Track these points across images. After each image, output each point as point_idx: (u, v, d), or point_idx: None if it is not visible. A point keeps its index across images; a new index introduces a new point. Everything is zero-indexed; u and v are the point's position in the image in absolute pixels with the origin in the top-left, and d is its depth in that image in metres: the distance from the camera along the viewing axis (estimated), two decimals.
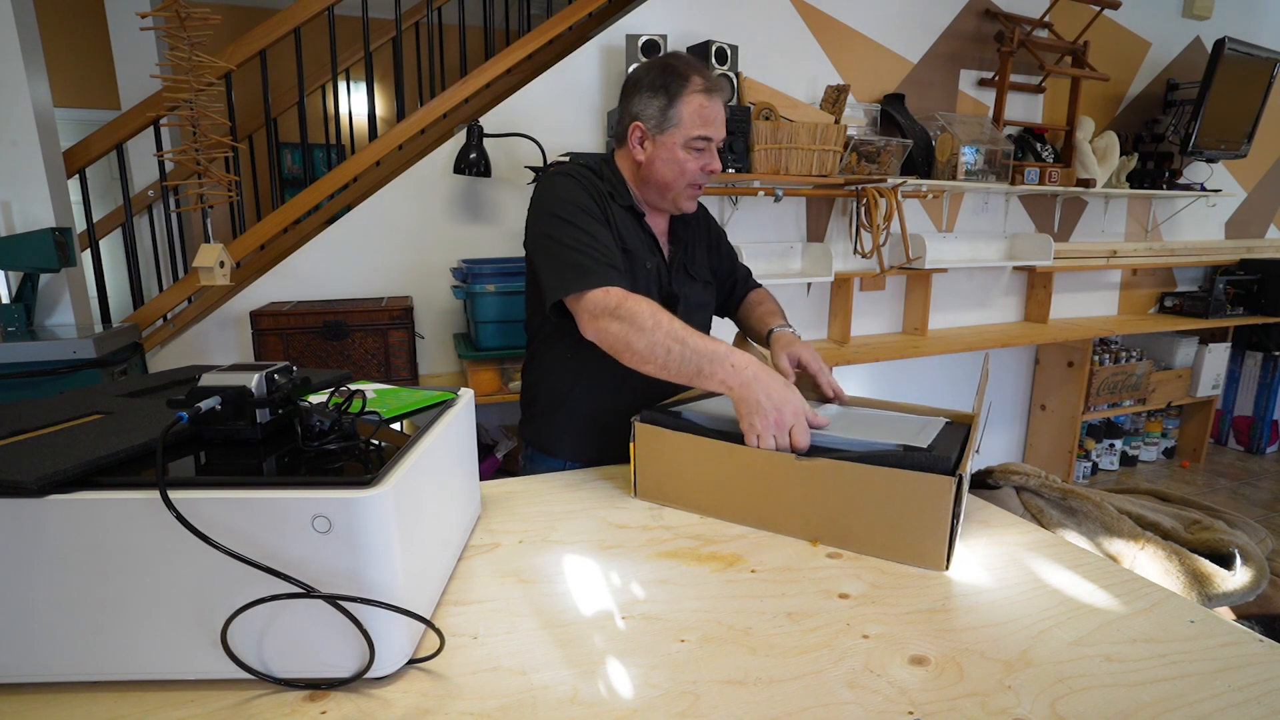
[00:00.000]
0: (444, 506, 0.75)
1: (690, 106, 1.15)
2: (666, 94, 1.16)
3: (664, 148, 1.18)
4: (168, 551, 0.53)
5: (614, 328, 1.01)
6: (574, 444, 1.27)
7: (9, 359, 1.62)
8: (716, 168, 1.21)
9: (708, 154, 1.19)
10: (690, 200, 1.24)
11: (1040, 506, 1.24)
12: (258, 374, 0.66)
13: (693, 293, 1.31)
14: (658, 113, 1.17)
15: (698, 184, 1.22)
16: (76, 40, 4.00)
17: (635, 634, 0.66)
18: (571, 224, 1.11)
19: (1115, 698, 0.57)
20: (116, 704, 0.55)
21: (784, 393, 0.92)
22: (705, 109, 1.16)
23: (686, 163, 1.18)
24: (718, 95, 1.17)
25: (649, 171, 1.21)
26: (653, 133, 1.18)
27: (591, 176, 1.21)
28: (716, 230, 1.45)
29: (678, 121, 1.16)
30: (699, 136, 1.16)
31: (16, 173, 1.80)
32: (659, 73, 1.17)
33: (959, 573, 0.78)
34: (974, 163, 2.80)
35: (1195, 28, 3.54)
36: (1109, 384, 3.37)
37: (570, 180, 1.17)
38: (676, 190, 1.21)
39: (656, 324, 0.98)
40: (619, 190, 1.23)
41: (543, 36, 2.41)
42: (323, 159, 4.42)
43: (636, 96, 1.19)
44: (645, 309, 1.00)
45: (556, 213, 1.13)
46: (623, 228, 1.20)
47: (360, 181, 2.83)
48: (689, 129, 1.16)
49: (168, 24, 1.84)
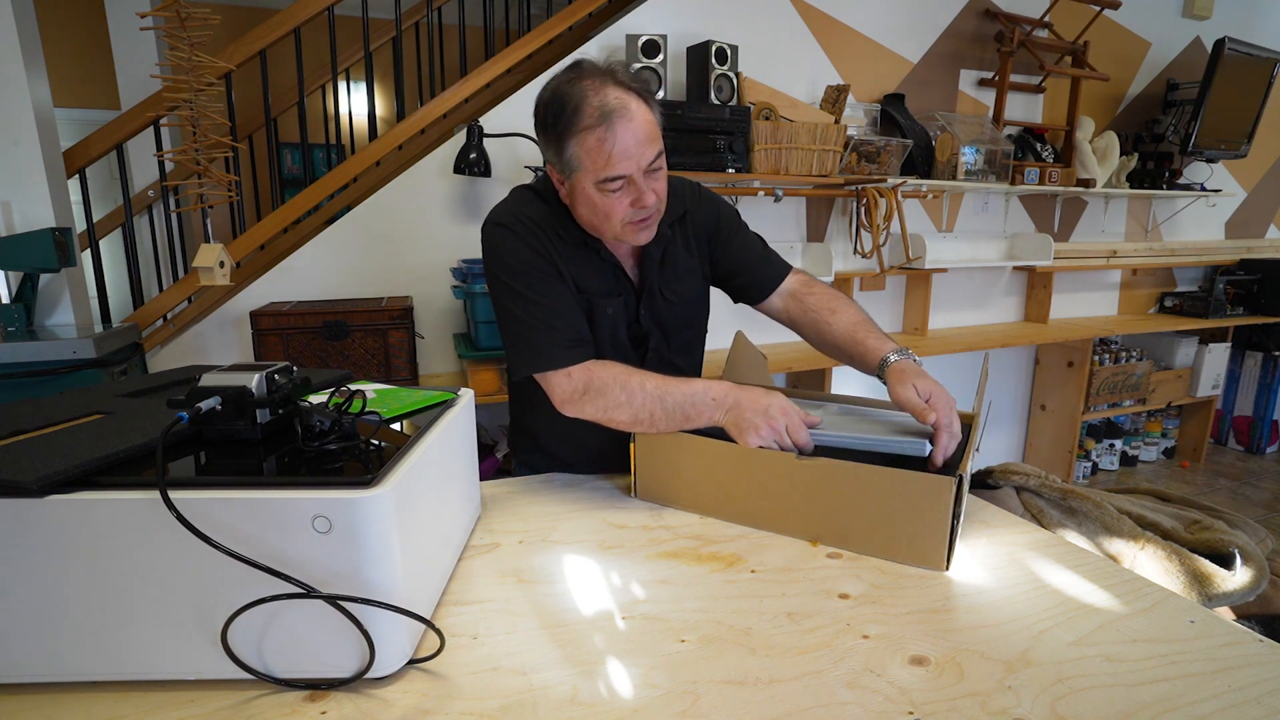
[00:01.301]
0: (444, 506, 0.75)
1: (584, 146, 0.95)
2: (556, 133, 0.97)
3: (578, 192, 1.01)
4: (168, 551, 0.53)
5: (589, 409, 0.98)
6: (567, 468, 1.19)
7: (9, 359, 1.62)
8: (647, 203, 0.99)
9: (631, 189, 0.98)
10: (642, 233, 1.04)
11: (1040, 506, 1.24)
12: (258, 374, 0.66)
13: (670, 318, 1.17)
14: (555, 156, 1.00)
15: (638, 219, 1.01)
16: (76, 40, 4.00)
17: (635, 634, 0.66)
18: (518, 294, 1.02)
19: (1115, 698, 0.57)
20: (116, 704, 0.55)
21: (765, 400, 0.92)
22: (603, 144, 0.94)
23: (608, 204, 0.99)
24: (620, 119, 0.93)
25: (577, 215, 1.06)
26: (563, 175, 1.01)
27: (532, 221, 1.05)
28: (729, 225, 1.21)
29: (577, 165, 0.97)
30: (606, 178, 0.96)
31: (16, 173, 1.80)
32: (546, 104, 0.98)
33: (959, 573, 0.78)
34: (974, 163, 2.80)
35: (1195, 28, 3.54)
36: (1109, 384, 3.37)
37: (508, 234, 1.04)
38: (616, 232, 1.03)
39: (630, 393, 0.95)
40: (569, 223, 1.08)
41: (543, 36, 2.41)
42: (323, 159, 4.42)
43: (539, 133, 1.01)
44: (613, 379, 0.97)
45: (501, 276, 1.04)
46: (576, 269, 1.07)
47: (360, 181, 2.83)
48: (591, 172, 0.96)
49: (168, 24, 1.84)
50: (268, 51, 2.13)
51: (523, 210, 1.07)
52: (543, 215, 1.07)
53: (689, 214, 1.18)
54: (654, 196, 1.00)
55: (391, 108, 4.67)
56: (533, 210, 1.07)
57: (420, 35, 3.57)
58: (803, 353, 2.68)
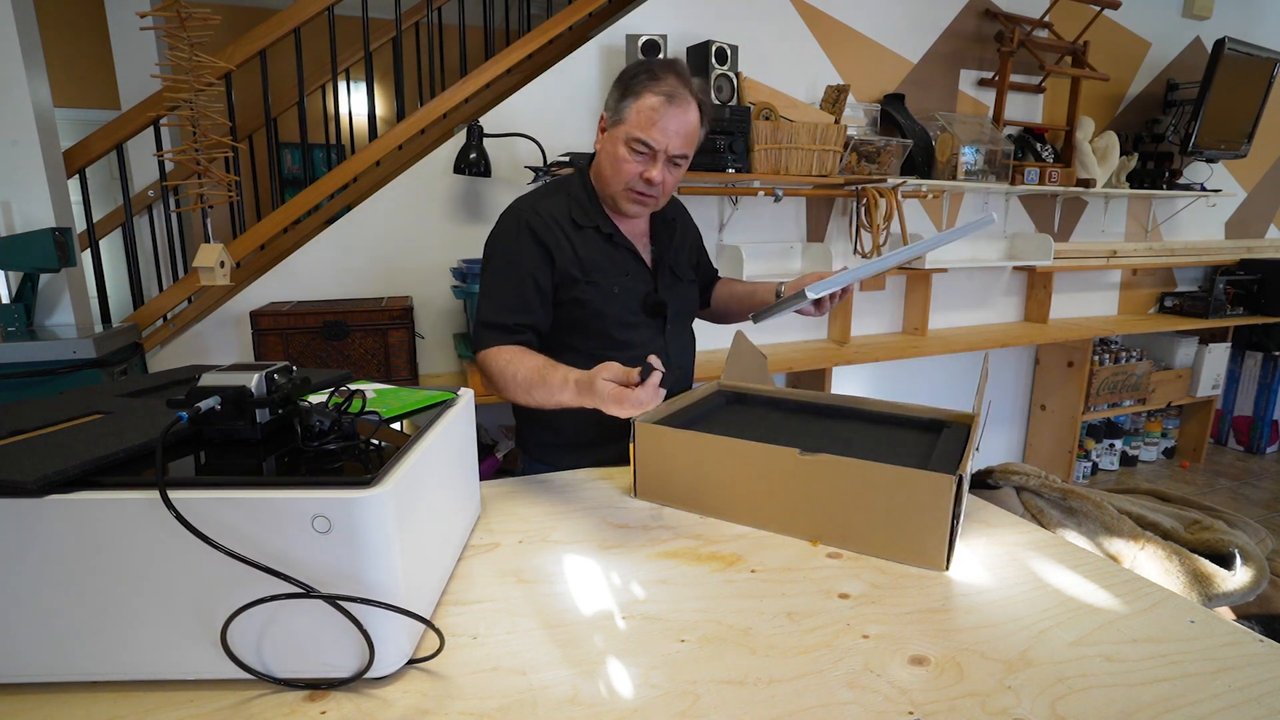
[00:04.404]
0: (444, 506, 0.75)
1: (640, 105, 1.11)
2: (626, 87, 1.13)
3: (610, 140, 1.15)
4: (168, 551, 0.53)
5: (495, 390, 1.13)
6: (574, 460, 1.24)
7: (9, 359, 1.62)
8: (654, 178, 1.14)
9: (649, 161, 1.13)
10: (629, 204, 1.19)
11: (1040, 506, 1.24)
12: (258, 374, 0.66)
13: (679, 295, 1.31)
14: (614, 103, 1.14)
15: (638, 190, 1.16)
16: (76, 40, 4.00)
17: (635, 634, 0.66)
18: (492, 270, 1.18)
19: (1115, 698, 0.57)
20: (116, 704, 0.55)
21: (594, 374, 0.91)
22: (654, 112, 1.10)
23: (624, 163, 1.14)
24: (681, 105, 1.11)
25: (598, 164, 1.20)
26: (609, 124, 1.16)
27: (545, 210, 1.18)
28: (694, 226, 1.44)
29: (624, 117, 1.12)
30: (638, 139, 1.11)
31: (16, 173, 1.80)
32: (636, 66, 1.15)
33: (959, 573, 0.78)
34: (974, 163, 2.80)
35: (1195, 28, 3.54)
36: (1109, 384, 3.37)
37: (511, 221, 1.18)
38: (614, 190, 1.17)
39: (515, 383, 1.07)
40: (589, 210, 1.21)
41: (543, 36, 2.41)
42: (323, 159, 4.42)
43: (613, 88, 1.17)
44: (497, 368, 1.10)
45: (487, 253, 1.20)
46: (587, 252, 1.19)
47: (360, 181, 2.83)
48: (631, 127, 1.12)
49: (168, 24, 1.84)
50: (268, 51, 2.13)
51: (540, 202, 1.19)
52: (559, 208, 1.19)
53: (679, 219, 1.37)
54: (662, 181, 1.15)
55: (391, 108, 4.67)
56: (550, 204, 1.19)
57: (420, 35, 3.57)
58: (803, 353, 2.68)
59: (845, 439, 1.00)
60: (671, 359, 1.28)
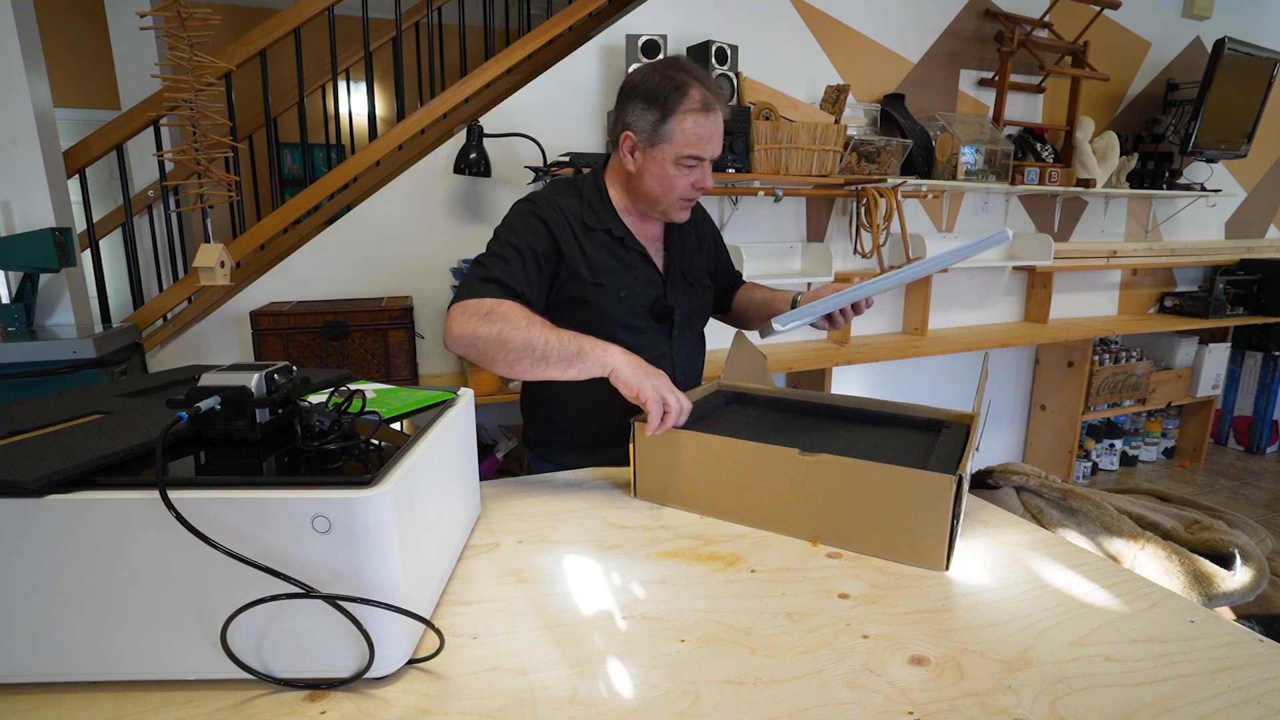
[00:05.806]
0: (444, 506, 0.75)
1: (685, 124, 1.10)
2: (661, 108, 1.11)
3: (654, 161, 1.14)
4: (168, 551, 0.53)
5: (485, 329, 1.00)
6: (578, 460, 1.24)
7: (9, 359, 1.62)
8: (708, 185, 1.17)
9: (699, 171, 1.15)
10: (682, 212, 1.21)
11: (1040, 506, 1.24)
12: (258, 374, 0.66)
13: (690, 300, 1.30)
14: (650, 126, 1.12)
15: (689, 198, 1.18)
16: (76, 40, 4.00)
17: (635, 634, 0.66)
18: (495, 243, 1.14)
19: (1115, 698, 0.57)
20: (116, 704, 0.55)
21: (653, 370, 0.96)
22: (701, 127, 1.11)
23: (676, 179, 1.14)
24: (715, 111, 1.12)
25: (638, 183, 1.18)
26: (643, 145, 1.14)
27: (559, 206, 1.17)
28: (714, 228, 1.43)
29: (669, 138, 1.11)
30: (690, 155, 1.12)
31: (16, 173, 1.80)
32: (657, 81, 1.11)
33: (959, 573, 0.78)
34: (974, 163, 2.80)
35: (1195, 28, 3.54)
36: (1109, 384, 3.37)
37: (525, 208, 1.16)
38: (666, 204, 1.18)
39: (531, 325, 1.00)
40: (600, 213, 1.20)
41: (543, 36, 2.41)
42: (323, 159, 4.42)
43: (632, 104, 1.14)
44: (521, 314, 1.02)
45: (497, 232, 1.17)
46: (595, 254, 1.18)
47: (360, 181, 2.83)
48: (680, 147, 1.12)
49: (168, 24, 1.84)
50: (268, 51, 2.13)
51: (556, 197, 1.19)
52: (572, 206, 1.19)
53: (700, 223, 1.37)
54: (711, 181, 1.18)
55: (391, 108, 4.67)
56: (564, 201, 1.19)
57: (420, 35, 3.57)
58: (803, 353, 2.68)
59: (845, 439, 1.00)
60: (677, 363, 1.27)
